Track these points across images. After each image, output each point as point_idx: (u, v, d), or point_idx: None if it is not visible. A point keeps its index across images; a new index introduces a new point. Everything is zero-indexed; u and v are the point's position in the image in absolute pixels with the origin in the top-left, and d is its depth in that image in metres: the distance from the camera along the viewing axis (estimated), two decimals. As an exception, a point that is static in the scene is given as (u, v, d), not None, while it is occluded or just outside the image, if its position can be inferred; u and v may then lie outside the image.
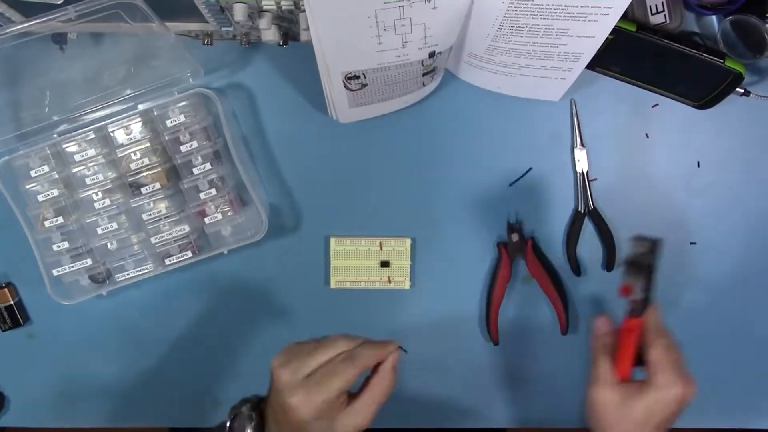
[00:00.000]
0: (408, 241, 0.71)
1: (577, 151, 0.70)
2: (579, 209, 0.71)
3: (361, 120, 0.68)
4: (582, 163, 0.70)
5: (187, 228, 0.68)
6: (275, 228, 0.71)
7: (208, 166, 0.66)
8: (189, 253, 0.68)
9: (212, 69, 0.68)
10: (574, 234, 0.71)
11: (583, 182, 0.70)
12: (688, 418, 0.73)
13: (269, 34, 0.59)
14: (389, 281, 0.71)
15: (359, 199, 0.71)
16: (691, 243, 0.72)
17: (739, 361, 0.74)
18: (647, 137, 0.70)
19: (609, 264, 0.72)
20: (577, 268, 0.72)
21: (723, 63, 0.63)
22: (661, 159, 0.70)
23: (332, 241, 0.71)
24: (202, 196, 0.67)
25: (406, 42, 0.57)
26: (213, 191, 0.67)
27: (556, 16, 0.55)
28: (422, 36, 0.56)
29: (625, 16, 0.64)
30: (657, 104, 0.69)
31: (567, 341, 0.72)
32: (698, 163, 0.70)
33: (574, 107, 0.69)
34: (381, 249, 0.71)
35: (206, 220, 0.67)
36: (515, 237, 0.71)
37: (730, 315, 0.73)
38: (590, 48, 0.60)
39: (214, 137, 0.67)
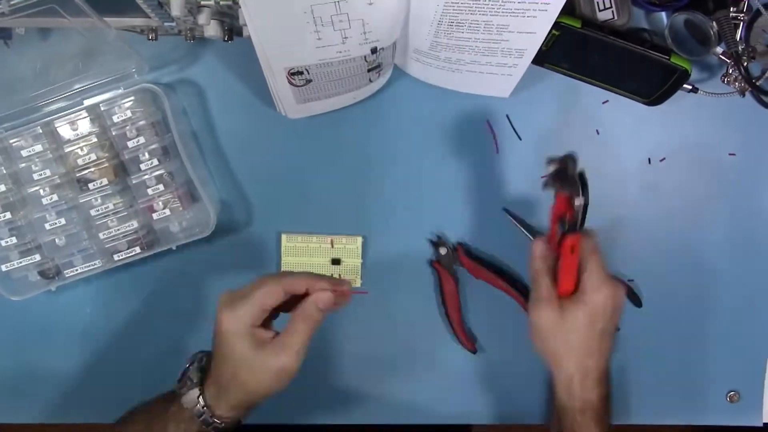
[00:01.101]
0: (359, 240, 0.71)
1: None
2: None
3: (312, 116, 0.68)
4: None
5: (135, 224, 0.67)
6: (226, 224, 0.71)
7: (155, 162, 0.66)
8: (137, 249, 0.68)
9: (161, 65, 0.68)
10: None
11: None
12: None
13: (210, 29, 0.59)
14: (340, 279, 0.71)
15: (311, 195, 0.71)
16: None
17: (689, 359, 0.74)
18: (598, 133, 0.70)
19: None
20: None
21: (669, 60, 0.63)
22: (612, 155, 0.71)
23: (283, 237, 0.71)
24: (150, 192, 0.67)
25: (345, 38, 0.57)
26: (161, 187, 0.67)
27: (494, 12, 0.55)
28: (361, 32, 0.56)
29: (571, 12, 0.64)
30: (607, 101, 0.69)
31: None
32: (649, 159, 0.70)
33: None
34: (332, 246, 0.71)
35: (154, 216, 0.67)
36: (443, 250, 0.71)
37: (680, 309, 0.73)
38: (533, 44, 0.59)
39: (162, 133, 0.67)
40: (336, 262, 0.71)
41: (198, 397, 0.57)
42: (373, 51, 0.59)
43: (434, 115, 0.70)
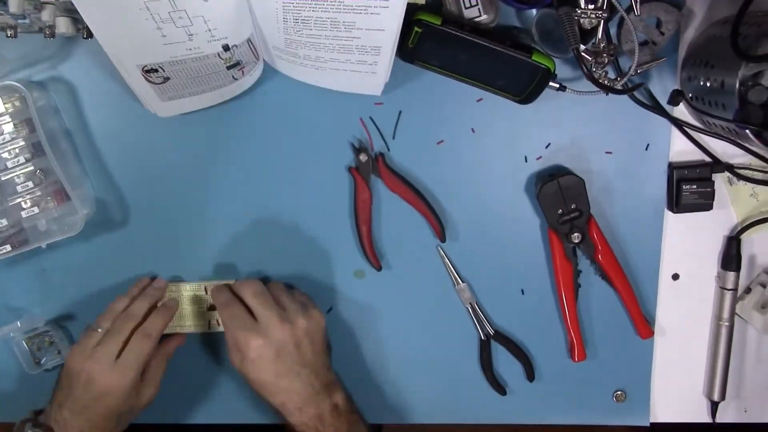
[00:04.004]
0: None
1: (458, 288, 0.72)
2: (482, 337, 0.73)
3: (186, 114, 0.68)
4: (467, 296, 0.72)
5: (5, 221, 0.67)
6: (103, 222, 0.71)
7: (22, 159, 0.66)
8: (8, 247, 0.67)
9: (33, 62, 0.68)
10: (487, 361, 0.73)
11: (475, 313, 0.73)
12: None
13: (62, 26, 0.59)
14: (218, 324, 0.72)
15: (188, 193, 0.71)
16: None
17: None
18: (473, 132, 0.70)
19: (530, 376, 0.74)
20: (502, 389, 0.75)
21: (530, 58, 0.63)
22: (488, 153, 0.70)
23: None
24: (19, 189, 0.67)
25: (191, 35, 0.56)
26: (30, 184, 0.67)
27: (336, 9, 0.55)
28: (206, 29, 0.56)
29: (436, 10, 0.64)
30: (481, 99, 0.69)
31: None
32: (525, 157, 0.70)
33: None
34: (206, 292, 0.72)
35: (23, 213, 0.67)
36: (364, 157, 0.69)
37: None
38: (386, 41, 0.59)
39: (31, 131, 0.66)
40: (212, 308, 0.72)
41: None
42: (226, 48, 0.59)
43: (309, 113, 0.69)
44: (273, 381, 0.64)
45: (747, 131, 0.58)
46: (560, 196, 0.68)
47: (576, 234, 0.69)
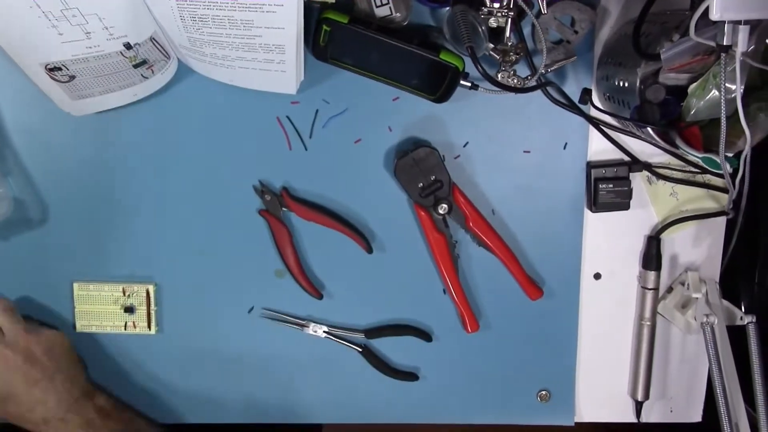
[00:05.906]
0: (151, 288, 0.72)
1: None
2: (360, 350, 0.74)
3: (102, 113, 0.68)
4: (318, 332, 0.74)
5: None
6: (22, 222, 0.71)
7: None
8: None
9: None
10: (379, 362, 0.74)
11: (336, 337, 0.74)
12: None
13: (-38, 23, 0.59)
14: (134, 326, 0.72)
15: (107, 193, 0.71)
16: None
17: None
18: (390, 131, 0.70)
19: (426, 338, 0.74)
20: (413, 375, 0.75)
21: (437, 57, 0.63)
22: (406, 153, 0.70)
23: (75, 286, 0.72)
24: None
25: (88, 33, 0.56)
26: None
27: (230, 7, 0.55)
28: (102, 26, 0.56)
29: (347, 8, 0.64)
30: (398, 98, 0.69)
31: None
32: (443, 156, 0.70)
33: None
34: (124, 295, 0.72)
35: (-64, 212, 0.67)
36: (268, 197, 0.69)
37: (488, 307, 0.73)
38: (289, 39, 0.59)
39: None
40: (129, 310, 0.73)
41: None
42: (128, 46, 0.59)
43: (226, 112, 0.69)
44: (25, 390, 0.64)
45: (649, 130, 0.58)
46: (417, 170, 0.67)
47: (443, 205, 0.68)
